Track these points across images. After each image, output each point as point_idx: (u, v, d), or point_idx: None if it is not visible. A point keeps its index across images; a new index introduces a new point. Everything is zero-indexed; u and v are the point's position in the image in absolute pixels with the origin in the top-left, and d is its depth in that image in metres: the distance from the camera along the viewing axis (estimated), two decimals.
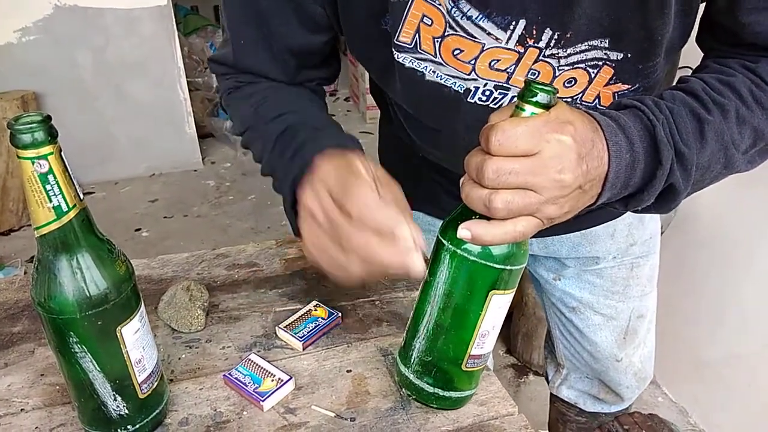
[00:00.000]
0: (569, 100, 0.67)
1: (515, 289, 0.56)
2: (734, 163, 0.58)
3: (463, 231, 0.51)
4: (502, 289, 0.55)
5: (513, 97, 0.66)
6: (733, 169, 0.59)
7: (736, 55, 0.62)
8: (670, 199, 0.57)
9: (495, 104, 0.68)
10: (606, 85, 0.65)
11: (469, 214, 0.52)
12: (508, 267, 0.53)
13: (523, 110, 0.48)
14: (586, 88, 0.66)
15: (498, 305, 0.56)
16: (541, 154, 0.47)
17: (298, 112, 0.72)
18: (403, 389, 0.65)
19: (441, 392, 0.62)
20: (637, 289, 1.01)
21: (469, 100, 0.68)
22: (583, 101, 0.67)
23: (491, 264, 0.53)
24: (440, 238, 0.55)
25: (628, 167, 0.53)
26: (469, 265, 0.53)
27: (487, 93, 0.67)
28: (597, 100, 0.67)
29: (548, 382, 1.28)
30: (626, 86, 0.65)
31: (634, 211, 0.59)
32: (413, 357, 0.62)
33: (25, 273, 2.46)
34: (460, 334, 0.58)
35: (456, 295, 0.56)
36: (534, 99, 0.48)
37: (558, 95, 0.49)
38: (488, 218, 0.50)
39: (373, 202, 0.53)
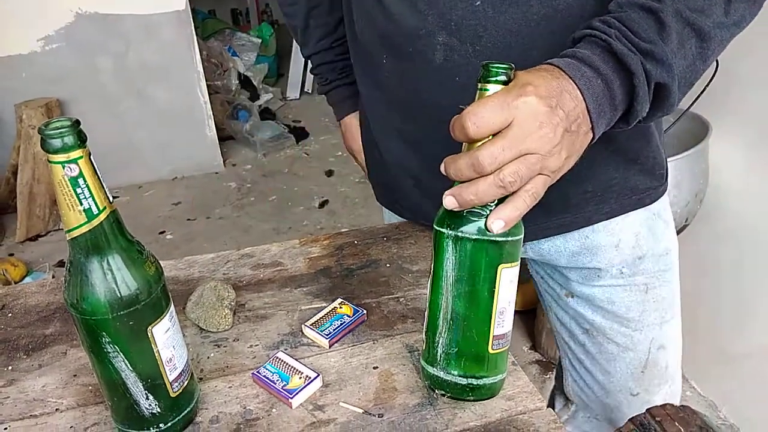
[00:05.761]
0: None
1: (519, 261, 0.58)
2: (709, 33, 0.58)
3: (497, 222, 0.52)
4: (509, 261, 0.56)
5: None
6: (711, 39, 0.58)
7: None
8: (666, 96, 0.58)
9: None
10: None
11: None
12: (511, 238, 0.55)
13: (487, 90, 0.52)
14: None
15: (509, 278, 0.57)
16: (515, 120, 0.50)
17: None
18: (436, 390, 0.65)
19: (474, 381, 0.62)
20: (655, 315, 0.91)
21: None
22: None
23: (495, 238, 0.55)
24: (438, 229, 0.57)
25: (605, 91, 0.55)
26: (473, 245, 0.55)
27: None
28: None
29: None
30: None
31: (638, 122, 0.60)
32: (438, 354, 0.62)
33: (53, 277, 2.51)
34: (480, 316, 0.59)
35: (467, 279, 0.57)
36: (494, 78, 0.52)
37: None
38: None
39: None
